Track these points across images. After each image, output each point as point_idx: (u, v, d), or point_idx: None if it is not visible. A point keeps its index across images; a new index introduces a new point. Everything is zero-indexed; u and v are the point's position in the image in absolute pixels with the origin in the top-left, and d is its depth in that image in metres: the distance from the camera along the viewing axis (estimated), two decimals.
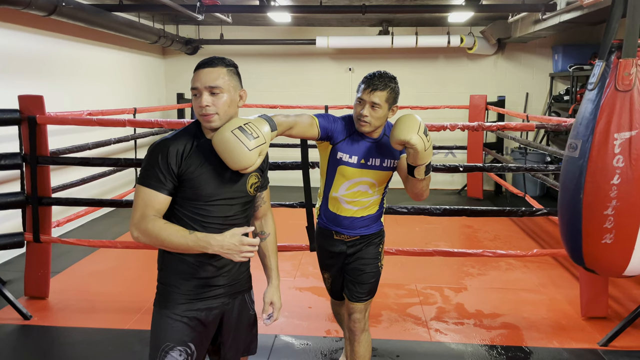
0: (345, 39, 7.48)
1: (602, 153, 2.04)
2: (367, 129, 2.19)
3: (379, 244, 2.42)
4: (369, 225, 2.37)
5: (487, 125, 3.51)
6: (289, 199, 3.78)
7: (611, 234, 2.07)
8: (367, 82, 2.15)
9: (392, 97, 2.17)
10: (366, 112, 2.14)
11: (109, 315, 3.52)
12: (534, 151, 6.83)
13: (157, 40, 6.73)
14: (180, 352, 1.70)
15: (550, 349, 3.11)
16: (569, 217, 2.21)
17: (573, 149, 2.17)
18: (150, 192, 1.63)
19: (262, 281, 1.99)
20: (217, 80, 1.66)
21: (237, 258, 1.59)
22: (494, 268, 4.49)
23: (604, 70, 2.08)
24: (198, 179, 1.66)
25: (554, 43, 7.38)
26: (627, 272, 2.14)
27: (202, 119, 1.68)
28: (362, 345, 2.39)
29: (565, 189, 2.22)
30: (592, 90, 2.12)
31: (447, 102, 7.52)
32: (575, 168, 2.14)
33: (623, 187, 2.02)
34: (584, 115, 2.13)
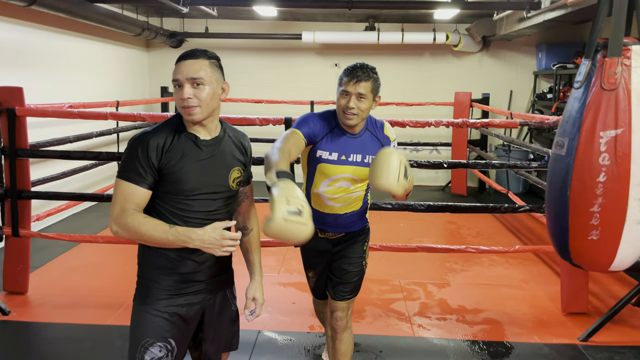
0: (332, 34, 7.46)
1: (588, 151, 2.06)
2: (355, 121, 2.15)
3: (364, 242, 2.40)
4: (354, 222, 2.35)
5: (472, 122, 3.53)
6: None
7: (597, 231, 2.10)
8: (350, 74, 2.12)
9: (376, 88, 2.16)
10: (352, 104, 2.11)
11: (89, 311, 3.48)
12: (517, 148, 6.90)
13: (140, 33, 6.64)
14: (160, 348, 1.67)
15: (531, 344, 3.15)
16: (556, 214, 2.23)
17: (560, 146, 2.18)
18: (130, 186, 1.60)
19: (245, 277, 1.97)
20: (200, 72, 1.63)
21: (219, 252, 1.58)
22: (477, 264, 4.53)
23: (589, 69, 2.10)
24: (179, 173, 1.63)
25: (538, 41, 7.45)
26: (612, 267, 2.18)
27: (183, 112, 1.65)
28: (343, 343, 2.38)
29: (553, 186, 2.25)
30: (578, 88, 2.14)
31: (432, 98, 7.55)
32: (562, 166, 2.16)
33: (609, 185, 2.05)
34: (570, 114, 2.15)
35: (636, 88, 2.01)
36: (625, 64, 2.01)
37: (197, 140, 1.69)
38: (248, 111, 7.64)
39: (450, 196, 7.34)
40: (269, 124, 3.34)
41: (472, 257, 4.62)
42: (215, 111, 1.70)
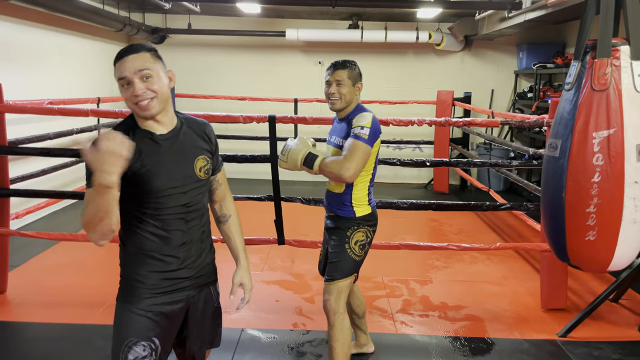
0: (315, 32, 7.46)
1: (581, 152, 2.08)
2: (339, 105, 2.43)
3: (349, 229, 2.45)
4: (338, 204, 2.48)
5: (454, 121, 3.56)
6: (257, 191, 3.75)
7: (594, 231, 2.12)
8: (330, 67, 2.46)
9: (354, 75, 2.43)
10: (333, 90, 2.41)
11: (70, 310, 3.43)
12: (498, 147, 6.98)
13: (122, 29, 6.55)
14: (144, 347, 1.66)
15: (512, 340, 3.20)
16: (552, 216, 2.25)
17: (553, 148, 2.20)
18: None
19: (230, 273, 1.97)
20: (146, 64, 1.59)
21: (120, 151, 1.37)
22: (459, 261, 4.58)
23: (579, 71, 2.12)
24: (141, 173, 1.59)
25: (519, 41, 7.54)
26: (611, 267, 2.20)
27: (137, 108, 1.60)
28: (335, 329, 2.43)
29: (547, 188, 2.26)
30: (569, 90, 2.16)
31: (415, 97, 7.60)
32: (556, 167, 2.18)
33: (603, 185, 2.07)
34: (562, 115, 2.17)
35: (626, 88, 2.03)
36: (614, 64, 2.04)
37: (153, 137, 1.64)
38: (232, 108, 7.60)
39: (433, 194, 7.40)
40: (253, 121, 3.33)
41: (453, 254, 4.67)
42: (168, 102, 1.67)
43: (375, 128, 2.32)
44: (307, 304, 3.62)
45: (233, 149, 7.35)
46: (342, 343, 2.44)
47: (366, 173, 2.43)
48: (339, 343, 2.43)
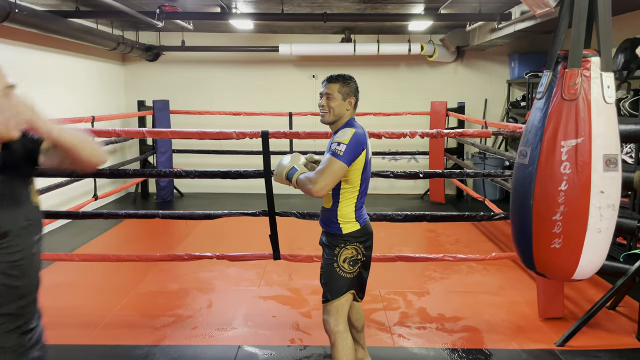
0: (308, 46, 7.51)
1: (550, 160, 2.10)
2: (327, 119, 2.44)
3: (336, 247, 2.45)
4: (328, 222, 2.49)
5: (446, 132, 3.58)
6: (251, 206, 3.75)
7: (560, 239, 2.13)
8: (324, 80, 2.47)
9: (345, 89, 2.42)
10: (323, 103, 2.43)
11: (66, 331, 3.41)
12: (492, 156, 7.01)
13: (116, 47, 6.60)
14: None
15: (510, 351, 3.18)
16: (520, 223, 2.27)
17: (523, 156, 2.23)
18: None
19: (225, 288, 1.96)
20: None
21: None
22: (456, 272, 4.57)
23: (551, 80, 2.15)
24: None
25: (511, 51, 7.61)
26: (575, 276, 2.20)
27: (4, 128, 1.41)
28: (336, 349, 2.43)
29: (516, 195, 2.29)
30: (540, 99, 2.19)
31: (408, 108, 7.64)
32: (525, 175, 2.20)
33: (570, 193, 2.08)
34: (533, 124, 2.20)
35: (595, 98, 2.06)
36: (584, 74, 2.07)
37: None
38: (226, 124, 7.63)
39: (429, 204, 7.41)
40: (246, 137, 3.34)
41: (450, 265, 4.67)
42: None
43: (354, 145, 2.29)
44: (304, 319, 3.61)
45: (226, 164, 7.38)
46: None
47: (352, 189, 2.42)
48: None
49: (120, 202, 7.49)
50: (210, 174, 3.59)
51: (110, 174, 4.18)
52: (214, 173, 3.58)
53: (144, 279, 4.33)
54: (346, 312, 2.48)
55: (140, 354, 3.11)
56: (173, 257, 3.65)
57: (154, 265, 4.58)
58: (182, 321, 3.56)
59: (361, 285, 2.57)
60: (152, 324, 3.52)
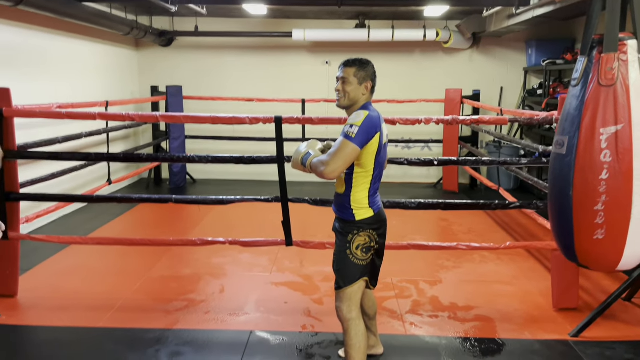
0: (322, 32, 7.44)
1: (589, 149, 2.04)
2: (342, 103, 2.43)
3: (349, 234, 2.43)
4: (341, 208, 2.46)
5: (461, 119, 3.53)
6: (264, 192, 3.74)
7: (602, 230, 2.07)
8: (341, 64, 2.44)
9: (362, 74, 2.39)
10: (339, 87, 2.42)
11: (80, 314, 3.45)
12: (508, 145, 6.92)
13: (129, 32, 6.59)
14: None
15: (522, 341, 3.16)
16: (560, 214, 2.20)
17: (560, 145, 2.16)
18: None
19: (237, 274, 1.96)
20: None
21: None
22: (469, 261, 4.54)
23: (586, 66, 2.08)
24: None
25: (528, 38, 7.47)
26: (620, 267, 2.15)
27: None
28: (349, 335, 2.43)
29: (554, 186, 2.22)
30: (575, 86, 2.12)
31: (423, 95, 7.55)
32: (563, 165, 2.13)
33: (612, 182, 2.02)
34: (569, 112, 2.13)
35: (634, 83, 1.99)
36: (621, 59, 2.00)
37: None
38: (239, 110, 7.62)
39: (442, 193, 7.36)
40: (259, 122, 3.32)
41: (463, 254, 4.64)
42: None
43: (367, 127, 2.25)
44: (315, 306, 3.61)
45: (240, 150, 7.38)
46: (358, 348, 2.42)
47: (365, 173, 2.38)
48: (355, 349, 2.42)
49: (134, 188, 7.54)
50: (223, 159, 3.58)
51: (124, 158, 4.20)
52: (226, 158, 3.57)
53: (157, 264, 4.36)
54: (359, 299, 2.47)
55: (153, 337, 3.14)
56: (186, 242, 3.67)
57: (167, 250, 4.61)
58: (194, 306, 3.58)
59: (374, 272, 2.56)
60: (164, 308, 3.54)
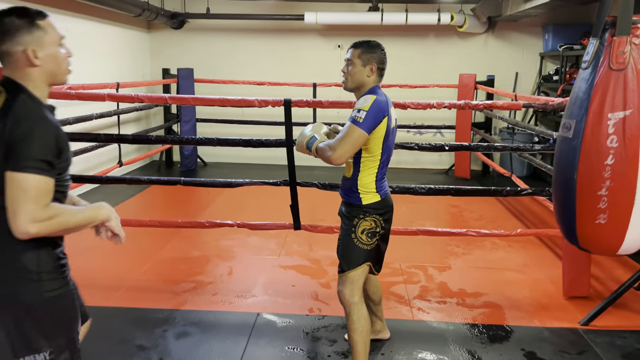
0: (334, 15, 7.35)
1: (596, 133, 2.01)
2: (347, 85, 2.39)
3: (355, 217, 2.40)
4: (348, 192, 2.43)
5: (474, 104, 3.47)
6: (274, 177, 3.72)
7: (605, 214, 2.06)
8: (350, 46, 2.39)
9: (366, 56, 2.32)
10: (344, 69, 2.39)
11: (89, 293, 3.44)
12: (521, 131, 6.82)
13: (141, 14, 6.56)
14: (81, 323, 1.72)
15: (531, 328, 3.13)
16: (563, 198, 2.19)
17: (567, 129, 2.13)
18: (45, 180, 1.43)
19: (245, 256, 1.95)
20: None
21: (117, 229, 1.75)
22: (479, 247, 4.50)
23: (597, 49, 2.03)
24: (66, 152, 1.53)
25: (545, 22, 7.32)
26: (621, 251, 2.15)
27: (66, 73, 1.61)
28: (351, 319, 2.41)
29: (559, 170, 2.20)
30: (585, 69, 2.08)
31: (436, 80, 7.45)
32: (569, 148, 2.11)
33: (617, 168, 2.00)
34: (577, 95, 2.09)
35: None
36: (634, 42, 1.95)
37: (54, 111, 1.57)
38: (250, 93, 7.58)
39: (454, 179, 7.29)
40: (268, 105, 3.29)
41: (473, 240, 4.60)
42: None
43: (375, 112, 2.20)
44: (323, 289, 3.61)
45: (249, 134, 7.36)
46: (360, 332, 2.40)
47: (373, 158, 2.34)
48: (357, 332, 2.40)
49: (145, 170, 7.57)
50: (233, 141, 3.57)
51: (133, 140, 4.20)
52: (236, 141, 3.55)
53: (166, 245, 4.38)
54: (361, 284, 2.46)
55: (161, 317, 3.16)
56: (195, 224, 3.67)
57: (176, 232, 4.63)
58: (202, 287, 3.59)
59: (379, 258, 2.54)
60: (173, 289, 3.56)
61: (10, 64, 1.49)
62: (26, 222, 1.39)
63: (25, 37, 1.47)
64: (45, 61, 1.51)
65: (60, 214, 1.47)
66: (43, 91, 1.54)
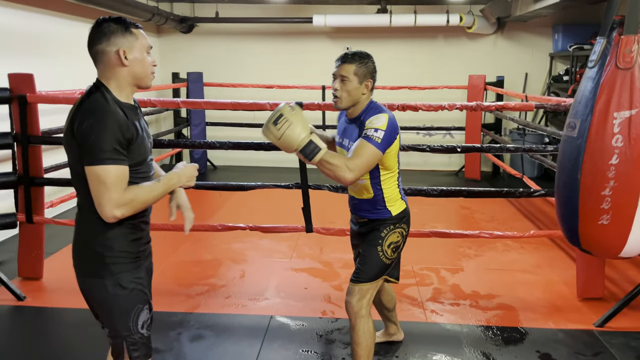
0: (343, 18, 7.36)
1: (601, 132, 2.00)
2: (339, 105, 2.23)
3: (383, 230, 2.33)
4: (371, 210, 2.34)
5: (486, 105, 3.46)
6: (284, 179, 3.74)
7: (608, 215, 2.04)
8: (338, 59, 2.23)
9: (363, 71, 2.19)
10: (337, 86, 2.20)
11: None
12: (532, 132, 6.79)
13: (150, 18, 6.61)
14: (147, 311, 1.81)
15: (546, 330, 3.11)
16: (566, 198, 2.18)
17: (572, 128, 2.12)
18: (119, 168, 1.61)
19: (257, 259, 1.96)
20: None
21: (193, 183, 1.85)
22: (491, 249, 4.48)
23: (604, 48, 2.02)
24: (138, 145, 1.69)
25: (555, 22, 7.28)
26: (623, 254, 2.12)
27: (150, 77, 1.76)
28: (356, 332, 2.32)
29: (563, 169, 2.19)
30: (592, 68, 2.07)
31: (445, 82, 7.44)
32: (573, 148, 2.10)
33: (621, 168, 1.98)
34: (583, 94, 2.08)
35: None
36: None
37: (134, 109, 1.75)
38: (259, 96, 7.60)
39: (464, 181, 7.27)
40: None
41: (485, 242, 4.58)
42: None
43: (390, 131, 2.12)
44: (335, 292, 3.61)
45: (261, 137, 7.37)
46: (365, 347, 2.33)
47: (391, 173, 2.30)
48: (361, 347, 2.33)
49: None
50: (244, 145, 3.58)
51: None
52: (247, 145, 3.56)
53: (179, 249, 4.40)
54: (372, 297, 2.37)
55: (175, 320, 3.18)
56: (207, 227, 3.68)
57: (189, 236, 4.63)
58: (215, 290, 3.61)
59: (397, 266, 2.52)
60: (186, 292, 3.58)
61: (103, 62, 1.71)
62: (111, 208, 1.59)
63: (119, 39, 1.69)
64: (133, 63, 1.70)
65: (138, 195, 1.65)
66: (127, 91, 1.73)
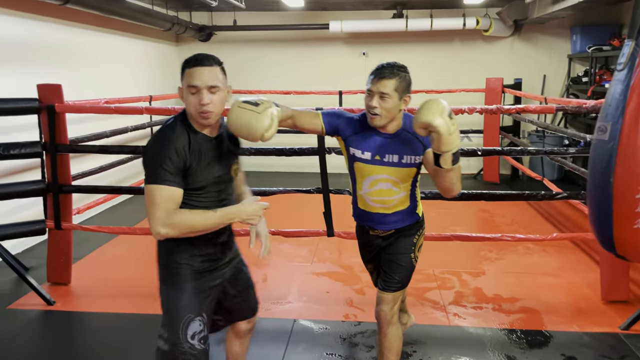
0: (359, 23, 7.41)
1: (632, 135, 1.98)
2: (378, 122, 2.11)
3: (415, 235, 2.35)
4: (404, 219, 2.32)
5: (506, 108, 3.47)
6: (305, 185, 3.77)
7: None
8: (375, 73, 2.09)
9: (403, 86, 2.08)
10: (375, 104, 2.06)
11: (131, 301, 3.58)
12: (551, 134, 6.74)
13: (170, 28, 6.73)
14: (199, 322, 1.88)
15: (571, 333, 3.10)
16: (599, 202, 2.15)
17: (602, 131, 2.10)
18: (169, 189, 1.73)
19: (279, 264, 2.00)
20: (215, 80, 1.81)
21: (257, 221, 1.85)
22: (512, 252, 4.46)
23: (633, 50, 2.01)
24: (197, 172, 1.80)
25: (573, 24, 7.24)
26: None
27: (200, 116, 1.80)
28: (387, 339, 2.34)
29: (595, 173, 2.17)
30: (621, 70, 2.06)
31: (462, 85, 7.42)
32: (604, 151, 2.08)
33: None
34: (613, 97, 2.07)
35: None
36: None
37: (208, 140, 1.85)
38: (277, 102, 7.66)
39: (483, 184, 7.24)
40: None
41: (506, 245, 4.56)
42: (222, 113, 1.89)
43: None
44: (357, 296, 3.63)
45: (280, 143, 7.43)
46: (396, 352, 2.37)
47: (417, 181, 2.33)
48: (393, 352, 2.36)
49: None
50: (265, 151, 3.64)
51: None
52: (268, 150, 3.62)
53: None
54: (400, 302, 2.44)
55: None
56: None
57: None
58: None
59: None
60: None
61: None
62: (156, 225, 1.71)
63: (182, 76, 1.84)
64: (185, 101, 1.82)
65: (186, 219, 1.74)
66: (197, 124, 1.83)
